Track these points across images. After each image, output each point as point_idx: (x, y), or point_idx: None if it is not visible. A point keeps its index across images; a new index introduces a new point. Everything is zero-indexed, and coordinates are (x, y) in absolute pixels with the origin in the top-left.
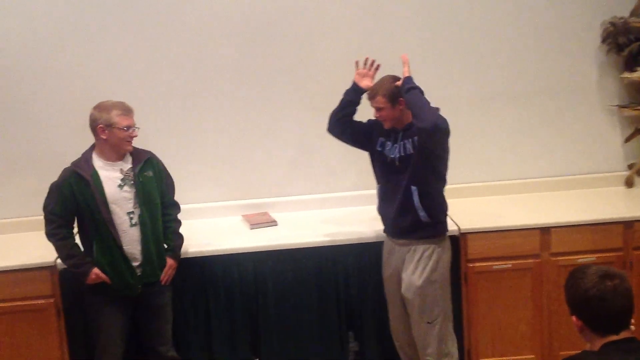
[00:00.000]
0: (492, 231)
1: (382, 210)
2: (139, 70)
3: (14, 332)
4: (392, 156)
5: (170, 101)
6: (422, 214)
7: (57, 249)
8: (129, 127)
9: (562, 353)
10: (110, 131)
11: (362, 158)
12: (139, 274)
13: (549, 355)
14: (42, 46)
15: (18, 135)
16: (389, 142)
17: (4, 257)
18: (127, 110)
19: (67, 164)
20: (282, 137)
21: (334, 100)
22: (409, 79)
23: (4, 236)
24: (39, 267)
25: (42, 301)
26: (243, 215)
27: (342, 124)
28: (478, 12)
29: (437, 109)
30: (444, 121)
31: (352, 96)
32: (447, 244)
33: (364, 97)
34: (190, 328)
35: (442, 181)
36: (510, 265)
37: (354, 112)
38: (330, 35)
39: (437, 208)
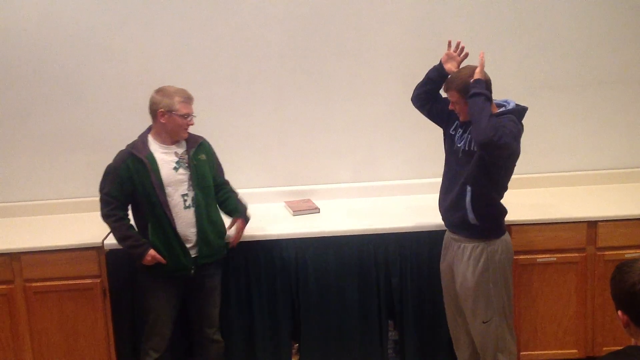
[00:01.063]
0: (538, 223)
1: (440, 195)
2: (190, 56)
3: (61, 310)
4: (459, 145)
5: (217, 86)
6: (471, 215)
7: (114, 230)
8: (187, 115)
9: (605, 348)
10: (170, 116)
11: (406, 147)
12: (192, 255)
13: (592, 351)
14: (100, 29)
15: (69, 118)
16: (460, 129)
17: (53, 237)
18: (188, 99)
19: (117, 146)
20: (327, 124)
21: (384, 88)
22: (477, 82)
23: (53, 216)
24: (87, 248)
25: (89, 281)
26: (286, 202)
27: (422, 99)
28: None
29: (521, 111)
30: (503, 135)
31: (434, 75)
32: (502, 243)
33: None
34: (232, 312)
35: (500, 188)
36: (555, 259)
37: (434, 89)
38: (382, 21)
39: (488, 214)
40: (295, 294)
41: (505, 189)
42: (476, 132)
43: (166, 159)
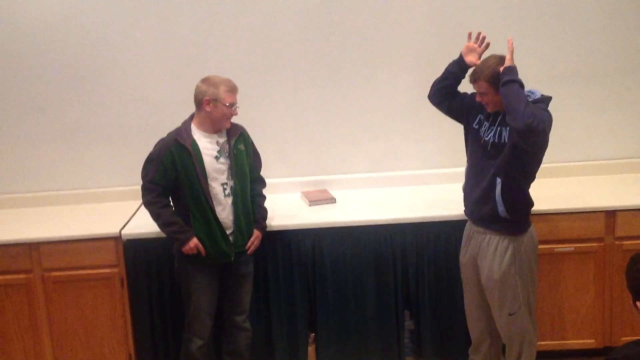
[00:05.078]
0: (556, 213)
1: (465, 190)
2: (206, 46)
3: (79, 300)
4: (486, 139)
5: (234, 76)
6: (501, 208)
7: (158, 216)
8: (232, 105)
9: (623, 339)
10: (215, 105)
11: (425, 138)
12: (232, 241)
13: (610, 341)
14: (118, 20)
15: (89, 110)
16: (486, 123)
17: (72, 227)
18: (233, 89)
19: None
20: (344, 115)
21: (402, 78)
22: (509, 70)
23: (72, 207)
24: (105, 238)
25: (107, 270)
26: (302, 192)
27: (441, 95)
28: None
29: (547, 100)
30: (540, 122)
31: (455, 68)
32: (528, 236)
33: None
34: (250, 302)
35: (530, 179)
36: (573, 249)
37: (454, 84)
38: (401, 10)
39: (519, 206)
40: (312, 283)
41: (533, 179)
42: (514, 119)
43: (209, 148)
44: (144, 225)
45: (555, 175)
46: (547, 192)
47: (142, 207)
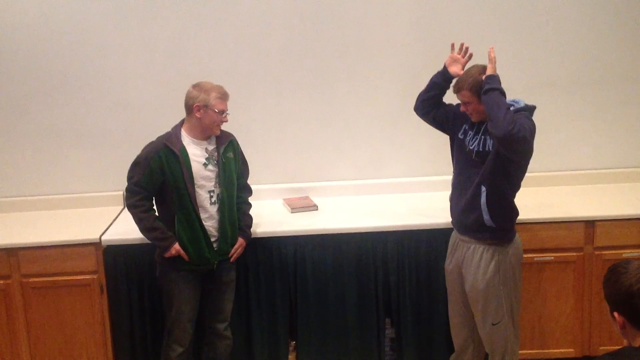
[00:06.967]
0: (536, 223)
1: (452, 200)
2: (189, 51)
3: (58, 306)
4: (471, 147)
5: (216, 81)
6: (486, 217)
7: (140, 220)
8: (222, 112)
9: (602, 348)
10: (205, 112)
11: (408, 145)
12: (216, 248)
13: (589, 350)
14: (99, 24)
15: (69, 114)
16: (471, 132)
17: (51, 232)
18: (224, 95)
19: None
20: (326, 121)
21: (386, 85)
22: (490, 78)
23: (52, 212)
24: (84, 244)
25: (86, 277)
26: (284, 199)
27: (427, 106)
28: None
29: (531, 109)
30: (521, 129)
31: (439, 79)
32: (513, 246)
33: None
34: (231, 309)
35: (515, 187)
36: (552, 258)
37: (439, 95)
38: (385, 18)
39: (504, 214)
40: (293, 291)
41: (519, 188)
42: (494, 126)
43: (197, 154)
44: (125, 231)
45: (535, 185)
46: (528, 201)
47: (123, 213)
